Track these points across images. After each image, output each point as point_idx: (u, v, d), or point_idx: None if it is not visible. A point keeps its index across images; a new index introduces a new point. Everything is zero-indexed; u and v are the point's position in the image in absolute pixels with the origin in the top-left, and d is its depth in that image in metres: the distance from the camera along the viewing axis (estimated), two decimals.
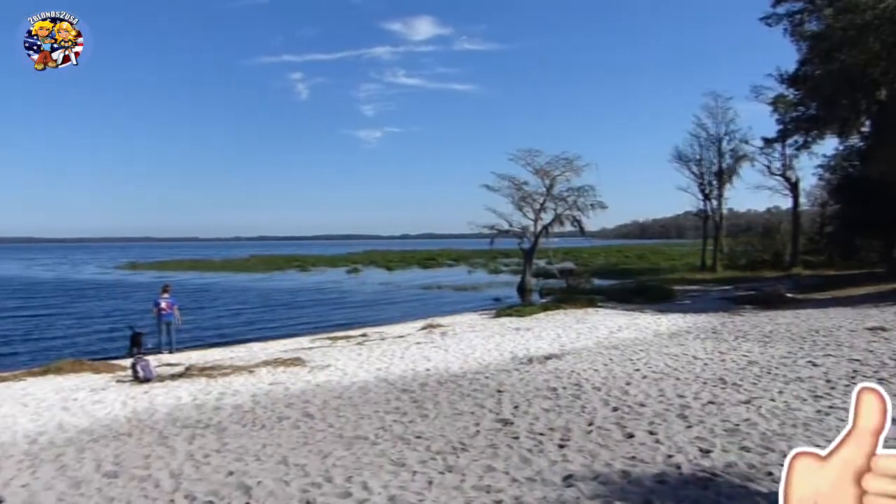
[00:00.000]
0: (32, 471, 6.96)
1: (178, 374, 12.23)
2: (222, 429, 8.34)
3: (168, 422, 8.86)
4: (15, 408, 10.17)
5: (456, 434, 7.63)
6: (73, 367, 13.76)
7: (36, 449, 7.86)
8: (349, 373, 12.04)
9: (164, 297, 17.71)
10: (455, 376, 11.40)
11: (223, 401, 9.98)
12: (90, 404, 10.21)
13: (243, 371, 12.35)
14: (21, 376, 12.99)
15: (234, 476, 6.35)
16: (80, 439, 8.21)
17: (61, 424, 9.02)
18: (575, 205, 35.75)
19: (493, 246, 39.51)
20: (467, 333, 17.38)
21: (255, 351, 16.32)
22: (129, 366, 12.56)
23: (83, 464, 7.10)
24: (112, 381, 12.23)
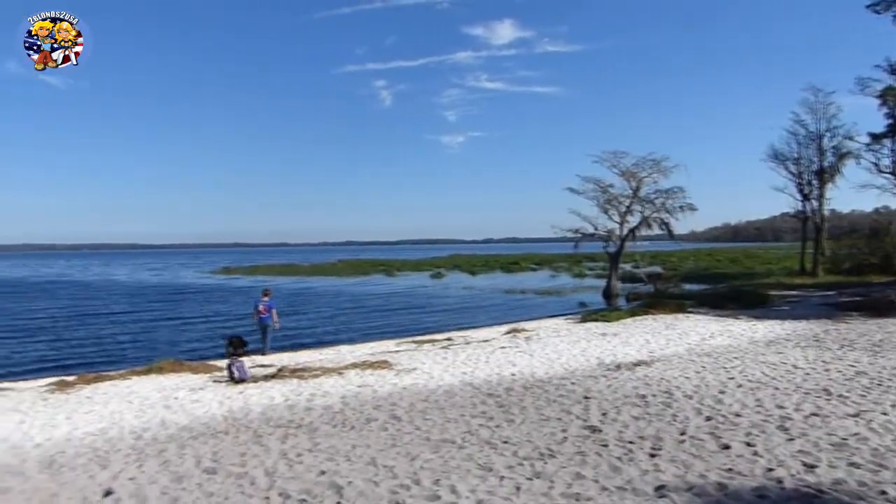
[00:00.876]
0: (138, 465, 7.36)
1: (271, 376, 12.66)
2: (313, 429, 8.57)
3: (262, 421, 9.19)
4: (122, 405, 10.79)
5: (543, 440, 7.57)
6: (173, 367, 14.47)
7: (141, 444, 8.31)
8: (435, 376, 12.14)
9: (263, 301, 18.38)
10: (541, 381, 11.31)
11: (314, 402, 10.26)
12: (189, 403, 10.71)
13: (332, 373, 12.66)
14: (126, 375, 13.76)
15: (325, 476, 6.52)
16: (180, 436, 8.63)
17: (163, 422, 9.50)
18: (663, 207, 34.78)
19: (578, 250, 38.92)
20: (552, 338, 17.20)
21: (344, 353, 16.70)
22: (225, 367, 13.09)
23: (184, 460, 7.46)
24: (209, 381, 12.79)
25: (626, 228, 35.36)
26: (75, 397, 11.67)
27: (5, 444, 8.55)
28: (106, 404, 10.85)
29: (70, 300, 41.24)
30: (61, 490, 6.58)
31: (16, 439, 8.81)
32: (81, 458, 7.74)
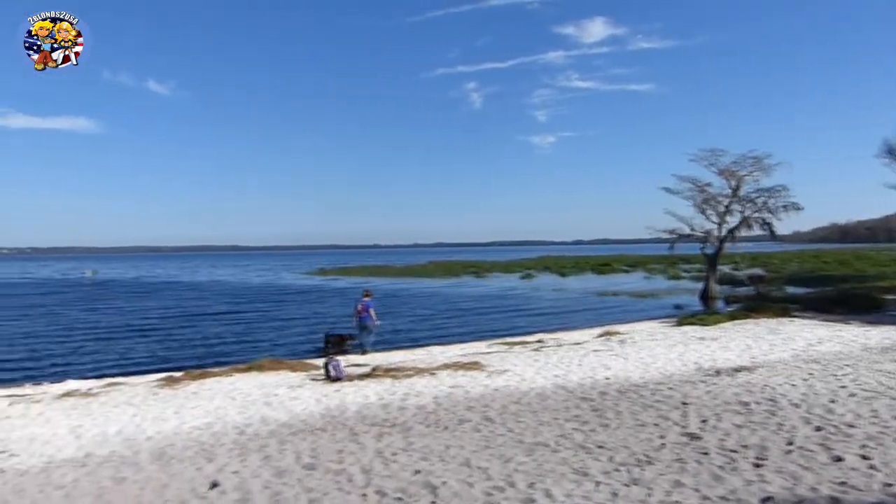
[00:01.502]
0: (242, 459, 7.66)
1: (366, 375, 12.92)
2: (407, 428, 8.67)
3: (358, 419, 9.37)
4: (225, 401, 11.28)
5: (640, 446, 7.36)
6: (272, 365, 15.00)
7: (244, 439, 8.65)
8: (527, 378, 12.05)
9: (363, 301, 18.90)
10: (636, 386, 11.02)
11: (407, 401, 10.39)
12: (288, 400, 11.07)
13: (425, 373, 12.79)
14: (229, 372, 14.37)
15: (420, 475, 6.58)
16: (280, 432, 8.92)
17: (264, 418, 9.85)
18: (765, 207, 33.15)
19: (673, 251, 37.70)
20: (647, 342, 16.74)
21: (435, 354, 16.84)
22: (321, 365, 13.46)
23: (284, 455, 7.71)
24: (307, 379, 13.17)
25: (725, 229, 33.95)
26: (182, 393, 12.28)
27: (120, 437, 9.09)
28: (211, 400, 11.37)
29: (178, 300, 43.51)
30: (171, 481, 6.93)
31: (129, 432, 9.35)
32: (189, 451, 8.13)
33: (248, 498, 6.22)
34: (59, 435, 9.31)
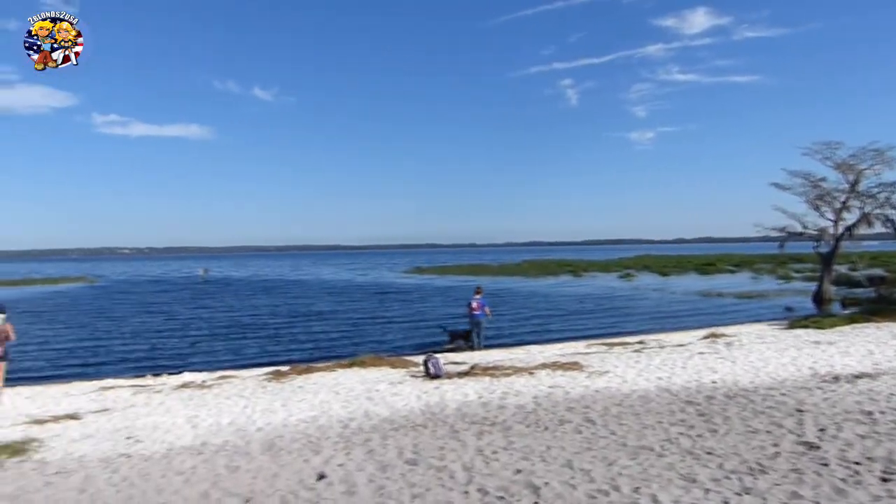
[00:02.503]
0: (346, 452, 7.87)
1: (464, 373, 12.98)
2: (507, 427, 8.65)
3: (457, 417, 9.43)
4: (329, 395, 11.63)
5: (751, 453, 7.03)
6: (373, 361, 15.34)
7: (348, 433, 8.88)
8: (628, 380, 11.76)
9: (475, 298, 19.19)
10: (745, 391, 10.54)
11: (506, 400, 10.37)
12: (390, 396, 11.29)
13: (524, 372, 12.72)
14: (332, 368, 14.80)
15: (521, 475, 6.54)
16: (383, 427, 9.10)
17: (367, 413, 10.08)
18: (888, 202, 30.88)
19: (783, 250, 35.76)
20: (756, 345, 15.98)
21: (534, 353, 16.72)
22: (421, 362, 13.65)
23: (387, 450, 7.86)
24: (407, 375, 13.39)
25: (842, 227, 31.85)
26: (289, 386, 12.76)
27: (232, 427, 9.54)
28: (316, 394, 11.75)
29: (284, 298, 45.26)
30: (281, 471, 7.20)
31: (241, 422, 9.81)
32: (296, 443, 8.43)
33: (354, 491, 6.38)
34: (177, 424, 9.88)
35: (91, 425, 10.06)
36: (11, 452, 8.43)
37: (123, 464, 7.85)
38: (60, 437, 9.35)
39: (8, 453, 8.40)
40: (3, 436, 9.46)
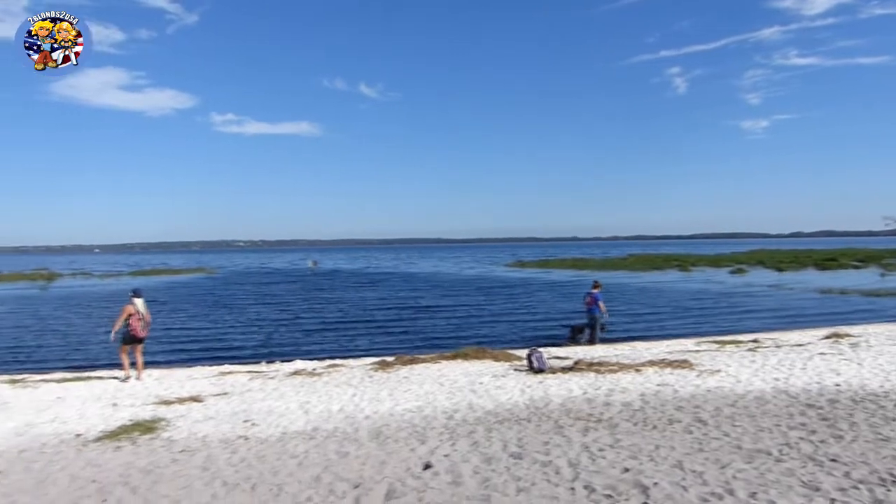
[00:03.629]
0: (451, 443, 7.95)
1: (568, 368, 12.83)
2: (613, 424, 8.48)
3: (562, 412, 9.34)
4: (434, 386, 11.79)
5: (883, 463, 6.56)
6: (476, 354, 15.41)
7: (452, 424, 8.97)
8: (742, 380, 11.24)
9: (593, 292, 19.09)
10: (874, 395, 9.83)
11: (612, 397, 10.16)
12: (493, 389, 11.31)
13: (630, 369, 12.42)
14: (436, 359, 14.99)
15: (629, 473, 6.40)
16: (487, 420, 9.14)
17: (471, 405, 10.15)
18: None
19: None
20: (887, 346, 14.88)
21: (640, 350, 16.31)
22: (524, 356, 13.60)
23: (492, 442, 7.88)
24: (510, 369, 13.38)
25: None
26: (395, 377, 13.03)
27: (342, 414, 9.86)
28: (421, 385, 11.95)
29: (392, 290, 46.30)
30: (388, 459, 7.38)
31: (349, 410, 10.11)
32: (403, 432, 8.60)
33: (460, 481, 6.45)
34: (290, 409, 10.31)
35: (212, 407, 10.67)
36: (144, 430, 9.08)
37: (241, 445, 8.28)
38: (185, 417, 9.97)
39: (141, 430, 9.06)
40: (136, 414, 10.22)
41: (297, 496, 6.28)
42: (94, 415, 10.36)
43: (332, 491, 6.38)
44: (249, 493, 6.44)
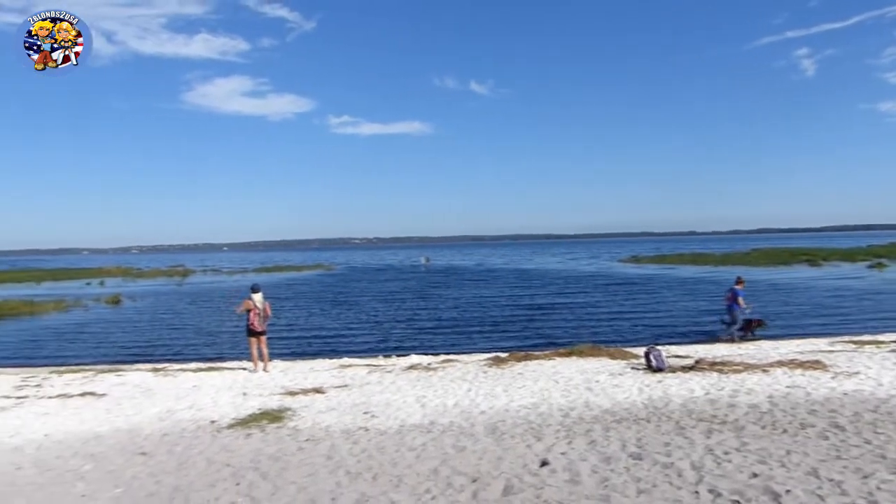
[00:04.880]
0: (568, 441, 7.87)
1: (689, 367, 12.36)
2: (739, 427, 8.10)
3: (683, 413, 9.02)
4: (549, 383, 11.70)
5: None
6: (591, 351, 15.15)
7: (568, 422, 8.87)
8: (884, 383, 10.41)
9: (735, 289, 18.57)
10: None
11: (737, 398, 9.70)
12: (610, 387, 11.08)
13: (756, 369, 11.81)
14: (550, 356, 14.86)
15: (758, 479, 6.09)
16: (604, 418, 8.97)
17: (587, 403, 9.99)
18: None
19: None
20: None
21: (766, 349, 15.47)
22: (642, 354, 13.24)
23: (610, 442, 7.73)
24: (627, 367, 13.05)
25: None
26: (509, 373, 13.04)
27: (457, 409, 9.97)
28: (535, 381, 11.89)
29: (503, 285, 46.37)
30: (505, 455, 7.40)
31: (465, 405, 10.21)
32: (518, 429, 8.60)
33: (578, 480, 6.37)
34: (408, 402, 10.55)
35: (334, 399, 11.10)
36: (271, 419, 9.58)
37: (362, 436, 8.56)
38: (309, 408, 10.42)
39: (269, 419, 9.57)
40: (264, 403, 10.80)
41: (416, 488, 6.42)
42: (226, 403, 11.04)
43: (449, 484, 6.48)
44: (371, 482, 6.65)
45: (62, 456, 8.24)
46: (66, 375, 14.66)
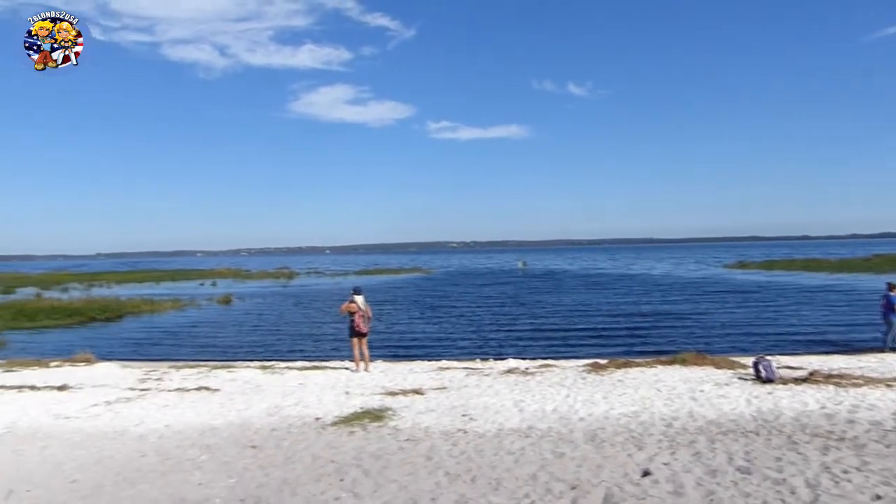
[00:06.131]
0: (671, 451, 7.64)
1: (801, 379, 11.73)
2: (859, 445, 7.61)
3: (796, 427, 8.57)
4: (650, 391, 11.39)
5: None
6: (696, 359, 14.61)
7: (671, 432, 8.61)
8: None
9: (889, 294, 17.54)
10: None
11: (857, 414, 9.11)
12: (715, 398, 10.66)
13: (879, 384, 11.06)
14: (652, 364, 14.46)
15: (881, 501, 5.72)
16: (709, 430, 8.64)
17: (691, 413, 9.66)
18: None
19: None
20: None
21: (889, 362, 14.45)
22: (750, 364, 12.68)
23: (715, 454, 7.45)
24: (734, 377, 12.52)
25: None
26: (608, 379, 12.79)
27: (556, 415, 9.88)
28: (636, 389, 11.61)
29: (602, 290, 45.57)
30: (605, 463, 7.28)
31: (563, 411, 10.11)
32: (619, 437, 8.43)
33: (682, 492, 6.19)
34: (506, 406, 10.55)
35: (432, 400, 11.25)
36: (373, 418, 9.84)
37: (461, 438, 8.64)
38: (408, 408, 10.61)
39: (370, 418, 9.82)
40: (365, 403, 11.09)
41: (515, 492, 6.43)
42: (329, 401, 11.41)
43: (549, 490, 6.44)
44: (470, 484, 6.71)
45: (181, 446, 8.77)
46: (183, 370, 15.58)
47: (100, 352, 19.76)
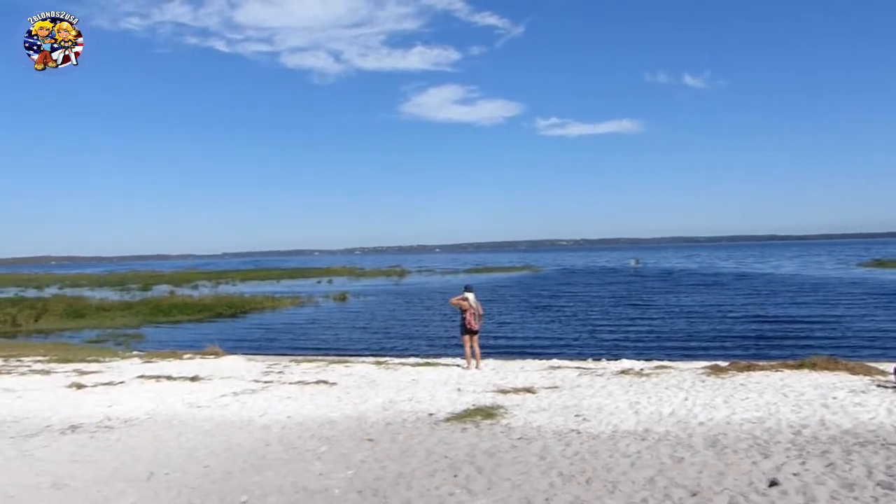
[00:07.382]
0: (801, 461, 7.18)
1: None
2: None
3: None
4: (776, 397, 10.77)
5: None
6: (826, 364, 13.69)
7: (800, 440, 8.10)
8: None
9: None
10: None
11: None
12: (851, 405, 9.94)
13: None
14: (777, 367, 13.67)
15: None
16: (843, 440, 8.07)
17: (823, 421, 9.05)
18: None
19: None
20: None
21: None
22: (891, 371, 11.76)
23: (852, 466, 6.94)
24: (871, 384, 11.64)
25: None
26: (730, 383, 12.22)
27: (673, 418, 9.54)
28: (760, 394, 11.02)
29: (730, 292, 43.66)
30: (727, 470, 6.94)
31: (681, 414, 9.74)
32: (742, 444, 8.02)
33: None
34: (620, 408, 10.30)
35: (544, 399, 11.16)
36: (485, 415, 9.88)
37: (574, 439, 8.52)
38: (520, 407, 10.58)
39: (482, 415, 9.87)
40: (477, 400, 11.16)
41: (632, 496, 6.26)
42: (442, 398, 11.56)
43: (667, 496, 6.23)
44: (584, 486, 6.60)
45: (302, 437, 9.16)
46: (303, 364, 16.28)
47: (226, 345, 20.99)
